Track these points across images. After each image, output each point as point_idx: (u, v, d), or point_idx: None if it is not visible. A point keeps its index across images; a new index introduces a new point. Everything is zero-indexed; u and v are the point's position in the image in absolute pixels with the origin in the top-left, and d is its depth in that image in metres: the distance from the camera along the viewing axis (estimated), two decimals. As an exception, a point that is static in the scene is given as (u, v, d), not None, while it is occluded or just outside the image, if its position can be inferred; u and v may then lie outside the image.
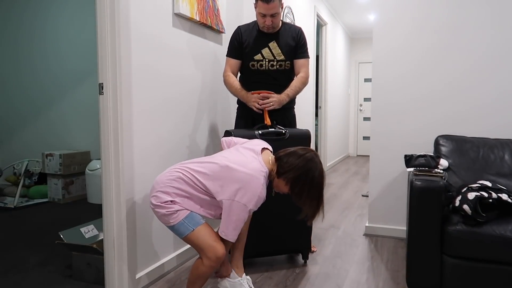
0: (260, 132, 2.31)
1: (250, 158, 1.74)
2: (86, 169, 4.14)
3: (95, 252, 2.18)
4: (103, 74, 1.96)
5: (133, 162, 2.10)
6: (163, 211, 1.69)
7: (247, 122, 2.59)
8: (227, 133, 2.27)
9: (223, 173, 1.69)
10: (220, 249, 1.68)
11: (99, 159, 3.87)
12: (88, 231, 2.40)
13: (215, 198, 1.71)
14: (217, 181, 1.69)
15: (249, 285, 2.06)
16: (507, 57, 2.71)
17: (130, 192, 2.09)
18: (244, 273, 2.10)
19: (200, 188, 1.71)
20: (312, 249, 2.74)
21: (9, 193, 4.28)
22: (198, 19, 2.56)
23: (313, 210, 1.75)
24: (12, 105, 4.96)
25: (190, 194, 1.71)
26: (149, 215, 2.24)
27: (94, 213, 3.71)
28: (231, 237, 1.69)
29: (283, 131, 2.36)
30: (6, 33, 4.91)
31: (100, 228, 2.44)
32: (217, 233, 1.74)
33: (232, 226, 1.67)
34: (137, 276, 2.15)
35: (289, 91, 2.47)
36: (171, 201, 1.69)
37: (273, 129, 2.35)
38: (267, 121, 2.37)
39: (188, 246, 2.56)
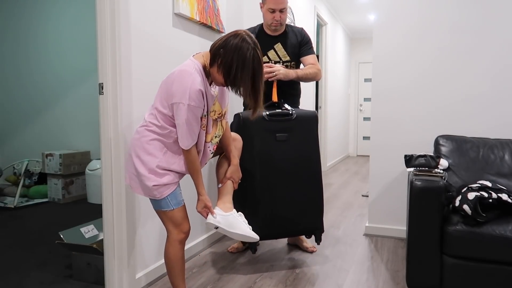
0: (267, 113, 2.33)
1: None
2: (86, 169, 4.14)
3: (95, 252, 2.18)
4: (103, 74, 1.96)
5: (133, 162, 2.10)
6: (150, 183, 1.67)
7: None
8: (236, 116, 2.34)
9: (159, 89, 1.69)
10: (183, 228, 1.75)
11: (99, 159, 3.87)
12: (88, 231, 2.40)
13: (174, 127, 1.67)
14: (160, 101, 1.68)
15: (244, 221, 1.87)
16: (508, 57, 2.71)
17: (130, 192, 2.09)
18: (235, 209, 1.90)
19: (161, 125, 1.68)
20: (312, 249, 2.74)
21: (9, 193, 4.28)
22: (198, 19, 2.56)
23: (252, 97, 1.67)
24: (12, 105, 4.96)
25: (163, 137, 1.68)
26: (149, 214, 2.24)
27: (94, 213, 3.71)
28: (186, 143, 1.65)
29: (290, 112, 2.37)
30: (6, 32, 4.91)
31: (100, 228, 2.44)
32: (186, 214, 1.77)
33: (183, 130, 1.62)
34: (137, 276, 2.15)
35: (298, 70, 2.51)
36: (158, 166, 1.67)
37: (280, 110, 2.37)
38: (275, 96, 2.40)
39: (188, 246, 2.56)
